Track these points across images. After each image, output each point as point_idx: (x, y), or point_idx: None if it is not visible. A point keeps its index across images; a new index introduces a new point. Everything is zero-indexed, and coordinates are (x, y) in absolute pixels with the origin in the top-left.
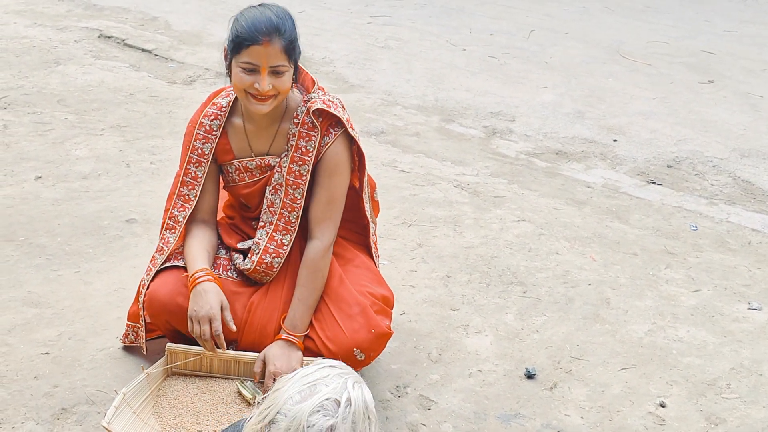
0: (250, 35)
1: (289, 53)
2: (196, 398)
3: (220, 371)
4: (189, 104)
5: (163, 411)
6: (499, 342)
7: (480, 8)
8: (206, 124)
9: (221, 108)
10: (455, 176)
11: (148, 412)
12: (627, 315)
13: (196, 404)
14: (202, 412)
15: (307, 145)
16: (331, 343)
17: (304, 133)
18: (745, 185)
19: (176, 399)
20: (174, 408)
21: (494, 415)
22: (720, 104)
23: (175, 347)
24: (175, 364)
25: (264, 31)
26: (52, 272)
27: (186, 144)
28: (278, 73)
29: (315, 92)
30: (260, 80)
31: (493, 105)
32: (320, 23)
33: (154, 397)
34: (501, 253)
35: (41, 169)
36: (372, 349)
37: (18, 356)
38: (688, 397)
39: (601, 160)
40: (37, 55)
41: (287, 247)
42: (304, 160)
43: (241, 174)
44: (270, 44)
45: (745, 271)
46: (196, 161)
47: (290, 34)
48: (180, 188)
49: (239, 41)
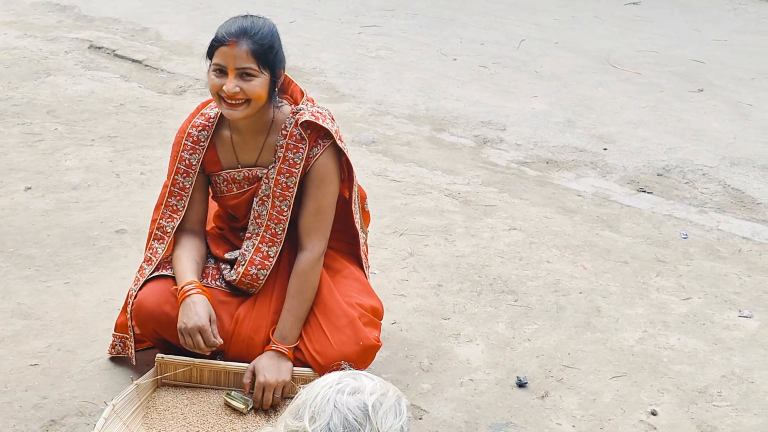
0: (220, 37)
1: (260, 58)
2: (186, 409)
3: (210, 382)
4: (179, 114)
5: (153, 422)
6: (491, 351)
7: (470, 18)
8: (194, 135)
9: (209, 119)
10: (446, 185)
11: (138, 423)
12: (618, 323)
13: (186, 415)
14: (192, 422)
15: (295, 157)
16: (319, 355)
17: (291, 145)
18: (735, 193)
19: (166, 410)
20: (164, 419)
21: (485, 424)
22: (710, 113)
23: (164, 358)
24: (164, 375)
25: (233, 32)
26: (41, 283)
27: (174, 154)
28: (247, 76)
29: (303, 103)
30: (227, 81)
31: (483, 114)
32: (311, 33)
33: (143, 408)
34: (492, 262)
35: (31, 180)
36: (360, 361)
37: (7, 368)
38: (680, 405)
39: (591, 168)
40: (27, 65)
41: (273, 258)
42: (291, 172)
43: (229, 185)
44: (236, 45)
45: (735, 278)
46: (183, 172)
47: (262, 39)
48: (168, 198)
49: (212, 44)
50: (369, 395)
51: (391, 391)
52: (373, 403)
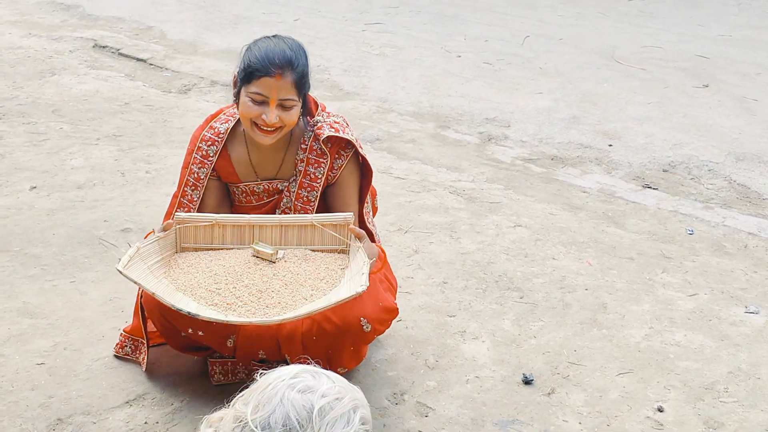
0: (263, 66)
1: (299, 87)
2: (211, 263)
3: (234, 241)
4: (184, 113)
5: (177, 275)
6: (496, 348)
7: (474, 15)
8: (203, 149)
9: (219, 134)
10: (451, 182)
11: (161, 274)
12: (624, 320)
13: (213, 269)
14: (219, 274)
15: (316, 171)
16: (335, 314)
17: (312, 159)
18: (740, 189)
19: (190, 266)
20: (188, 273)
21: (492, 422)
22: (715, 108)
23: (184, 216)
24: (185, 225)
25: (277, 63)
26: (47, 282)
27: (185, 164)
28: (287, 107)
29: (320, 115)
30: (268, 112)
31: (488, 111)
32: (315, 31)
33: (165, 264)
34: (497, 259)
35: (36, 179)
36: (378, 323)
37: (13, 367)
38: (686, 402)
39: (596, 165)
40: (31, 65)
41: None
42: (312, 186)
43: (248, 196)
44: (282, 77)
45: (741, 274)
46: (192, 184)
47: (302, 69)
48: (177, 209)
49: (251, 71)
50: (320, 397)
51: (347, 397)
52: (322, 406)
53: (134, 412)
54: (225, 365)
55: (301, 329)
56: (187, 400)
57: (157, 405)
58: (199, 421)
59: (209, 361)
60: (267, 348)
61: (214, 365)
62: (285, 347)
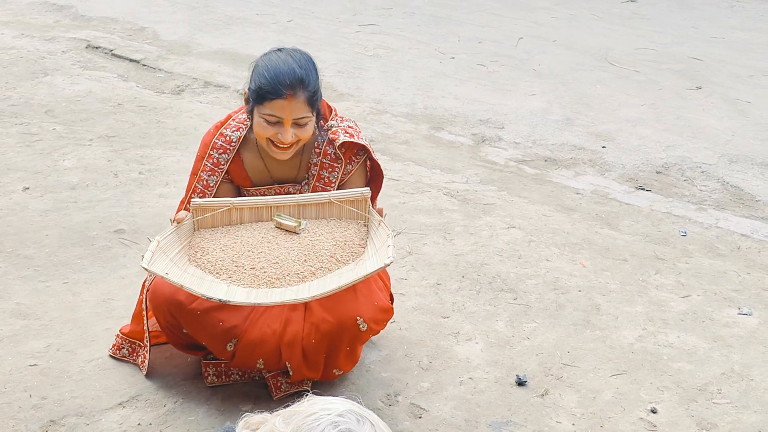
0: (274, 89)
1: (312, 104)
2: (231, 241)
3: (252, 220)
4: (177, 114)
5: (199, 257)
6: (490, 349)
7: (468, 16)
8: (214, 157)
9: (230, 142)
10: (445, 184)
11: (185, 263)
12: (617, 321)
13: (234, 246)
14: (241, 250)
15: (330, 176)
16: (331, 313)
17: (326, 164)
18: (733, 191)
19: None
20: (209, 253)
21: (485, 423)
22: (708, 110)
23: (200, 202)
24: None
25: (288, 84)
26: (40, 283)
27: (194, 170)
28: (301, 125)
29: (333, 119)
30: (284, 132)
31: (481, 112)
32: (309, 32)
33: (186, 249)
34: (491, 261)
35: (29, 180)
36: (374, 322)
37: (6, 368)
38: (679, 403)
39: (590, 166)
40: (24, 65)
41: None
42: (325, 190)
43: None
44: (294, 98)
45: (734, 276)
46: (200, 191)
47: (314, 85)
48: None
49: (263, 93)
50: None
51: None
52: None
53: (127, 413)
54: (218, 366)
55: (301, 333)
56: (181, 401)
57: (150, 406)
58: (192, 422)
59: (203, 363)
60: (267, 355)
61: (207, 367)
62: (286, 354)
